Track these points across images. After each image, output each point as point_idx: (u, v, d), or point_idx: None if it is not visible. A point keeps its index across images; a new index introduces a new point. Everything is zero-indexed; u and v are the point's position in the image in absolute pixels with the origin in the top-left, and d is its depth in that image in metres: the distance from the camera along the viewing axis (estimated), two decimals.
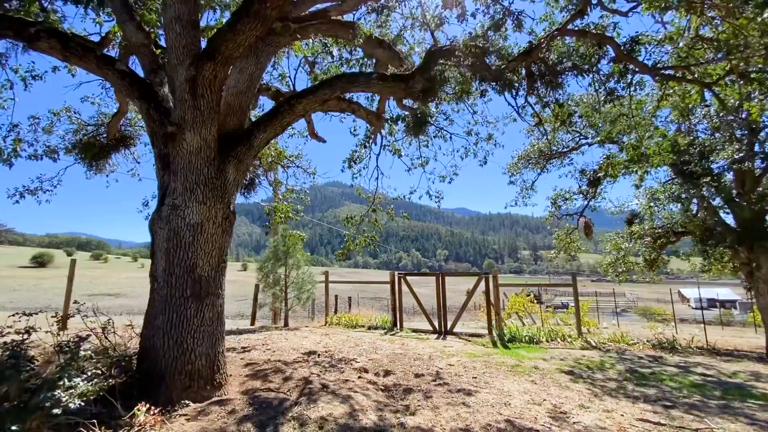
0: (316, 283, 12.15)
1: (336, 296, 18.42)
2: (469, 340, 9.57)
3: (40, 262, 58.07)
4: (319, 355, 6.79)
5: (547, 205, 11.65)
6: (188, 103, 3.95)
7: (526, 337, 9.51)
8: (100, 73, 4.59)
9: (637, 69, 5.11)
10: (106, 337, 4.13)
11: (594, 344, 9.25)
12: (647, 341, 9.56)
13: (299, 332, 9.73)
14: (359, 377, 5.31)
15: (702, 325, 19.31)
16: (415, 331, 11.01)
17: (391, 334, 10.04)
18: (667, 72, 5.30)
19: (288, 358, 6.20)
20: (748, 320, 17.85)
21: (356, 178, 9.63)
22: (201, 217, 4.01)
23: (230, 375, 4.65)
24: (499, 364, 6.68)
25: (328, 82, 4.56)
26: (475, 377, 5.74)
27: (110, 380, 3.35)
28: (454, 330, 10.74)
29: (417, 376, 5.74)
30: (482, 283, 10.82)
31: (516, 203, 11.86)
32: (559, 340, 9.54)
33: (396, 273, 11.85)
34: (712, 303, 68.88)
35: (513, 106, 5.96)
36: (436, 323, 10.93)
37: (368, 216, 9.45)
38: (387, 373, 5.85)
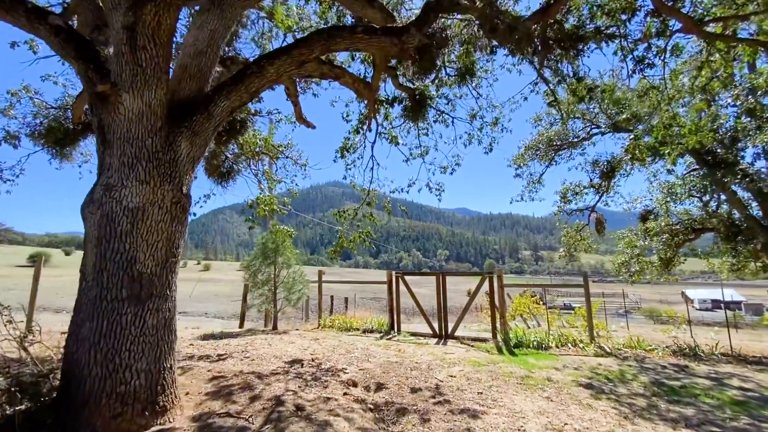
0: (308, 283, 11.34)
1: (332, 297, 17.66)
2: (472, 346, 8.77)
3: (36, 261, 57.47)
4: (303, 364, 6.00)
5: (556, 200, 10.85)
6: (126, 57, 3.17)
7: (534, 342, 8.70)
8: (30, 28, 3.79)
9: (678, 22, 4.28)
10: (23, 348, 3.33)
11: (609, 350, 8.43)
12: (666, 347, 8.74)
13: (287, 336, 8.94)
14: (345, 393, 4.51)
15: (716, 327, 18.53)
16: (413, 334, 10.22)
17: (387, 339, 9.24)
18: (713, 27, 4.47)
19: (265, 369, 5.41)
20: (764, 321, 17.00)
21: (350, 169, 8.85)
22: (142, 199, 3.21)
23: (187, 393, 3.86)
24: (507, 376, 5.88)
25: (304, 40, 3.77)
26: (481, 392, 4.93)
27: (8, 407, 2.56)
28: (456, 334, 9.94)
29: (413, 390, 4.94)
30: (486, 284, 10.02)
31: (522, 198, 11.05)
32: (569, 345, 8.72)
33: (393, 273, 11.05)
34: (716, 304, 68.10)
35: (533, 66, 5.11)
36: (436, 326, 10.14)
37: (363, 210, 8.66)
38: (379, 387, 5.05)
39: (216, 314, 33.07)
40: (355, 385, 5.06)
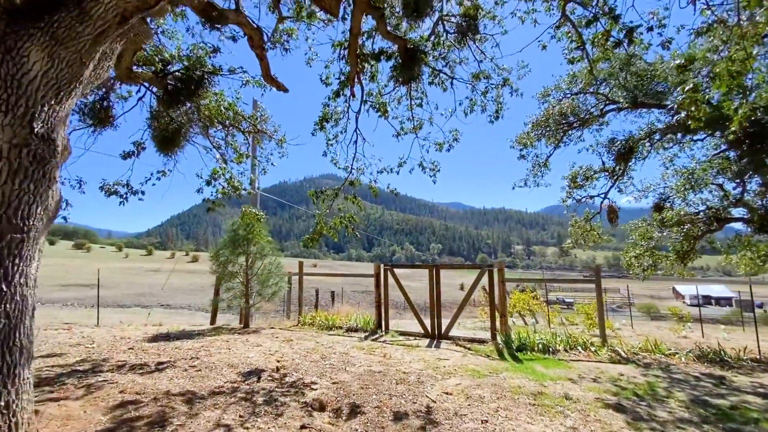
0: (286, 276, 10.12)
1: (317, 290, 16.47)
2: (469, 348, 7.65)
3: None
4: (261, 377, 4.80)
5: (564, 186, 9.69)
6: None
7: (540, 345, 7.60)
8: None
9: None
10: None
11: (625, 355, 7.37)
12: (689, 352, 7.70)
13: (255, 337, 7.73)
14: (303, 427, 3.32)
15: (722, 326, 17.62)
16: (403, 334, 9.08)
17: (372, 340, 8.08)
18: None
19: (207, 386, 4.19)
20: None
21: (331, 144, 7.59)
22: None
23: None
24: (515, 391, 4.74)
25: None
26: (486, 420, 3.78)
27: None
28: (450, 334, 8.82)
29: (398, 417, 3.77)
30: (485, 278, 8.88)
31: (526, 183, 9.88)
32: (579, 349, 7.64)
33: (382, 265, 9.87)
34: (707, 300, 68.40)
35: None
36: (428, 324, 9.01)
37: (345, 190, 7.43)
38: (353, 411, 3.87)
39: (201, 306, 31.84)
40: (322, 408, 3.87)
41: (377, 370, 5.52)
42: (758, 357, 7.61)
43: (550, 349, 7.45)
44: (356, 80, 6.54)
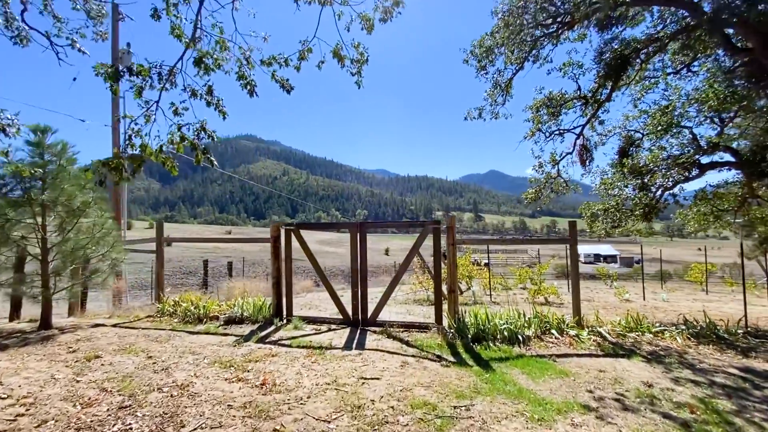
0: (119, 245, 6.49)
1: (205, 262, 12.71)
2: (407, 342, 5.14)
3: None
4: None
5: (528, 119, 7.38)
6: None
7: (503, 331, 5.36)
8: None
9: None
10: None
11: (612, 338, 5.49)
12: (674, 327, 6.13)
13: (34, 350, 4.24)
14: None
15: (648, 283, 17.84)
16: (312, 322, 6.26)
17: (257, 340, 5.11)
18: None
19: None
20: (689, 275, 16.75)
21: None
22: None
23: None
24: None
25: None
26: None
27: None
28: (379, 318, 6.23)
29: None
30: (428, 240, 6.33)
31: (481, 114, 7.37)
32: (554, 333, 5.57)
33: (282, 226, 6.77)
34: (597, 258, 77.86)
35: None
36: (349, 307, 6.30)
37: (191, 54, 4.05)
38: None
39: None
40: None
41: (239, 418, 2.60)
42: (746, 324, 6.29)
43: (519, 338, 5.24)
44: None
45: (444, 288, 6.28)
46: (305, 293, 11.76)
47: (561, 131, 7.38)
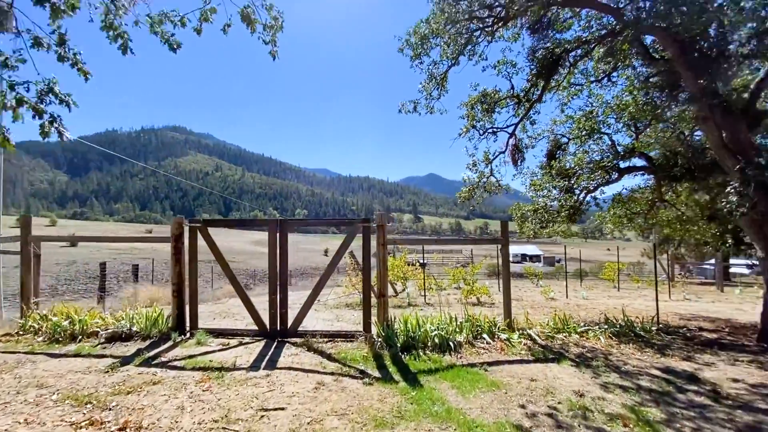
0: None
1: (103, 264, 10.90)
2: (330, 355, 4.54)
3: None
4: None
5: (463, 116, 7.18)
6: None
7: (434, 337, 4.99)
8: None
9: None
10: None
11: (541, 341, 5.38)
12: (596, 325, 6.24)
13: None
14: None
15: (557, 283, 19.02)
16: (220, 334, 5.37)
17: (140, 362, 4.14)
18: None
19: None
20: (603, 274, 18.20)
21: None
22: None
23: None
24: None
25: None
26: None
27: None
28: (301, 328, 5.54)
29: None
30: (357, 240, 5.79)
31: (416, 108, 7.02)
32: (486, 337, 5.33)
33: (185, 222, 5.77)
34: (523, 258, 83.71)
35: None
36: (266, 316, 5.50)
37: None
38: None
39: None
40: None
41: None
42: (657, 321, 6.59)
43: (451, 345, 4.89)
44: None
45: (375, 291, 5.76)
46: (228, 299, 10.57)
47: (494, 130, 7.32)
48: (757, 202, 4.63)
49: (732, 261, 19.32)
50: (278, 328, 5.50)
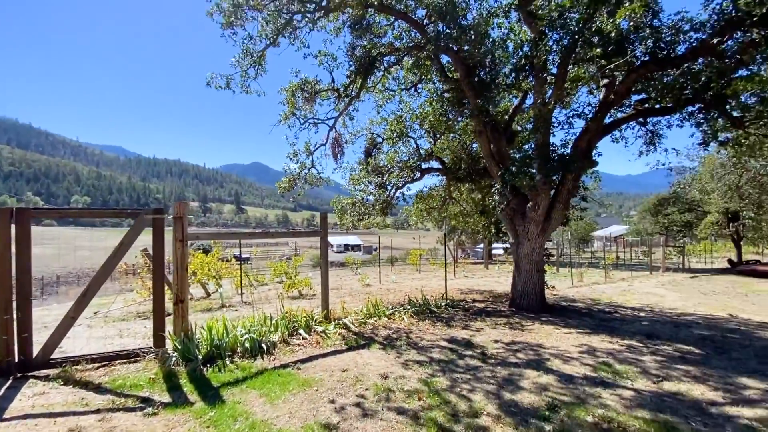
0: None
1: None
2: (99, 386, 3.55)
3: None
4: None
5: (283, 102, 6.78)
6: None
7: (245, 343, 4.54)
8: None
9: None
10: None
11: (355, 328, 5.64)
12: (401, 306, 7.02)
13: None
14: None
15: (365, 268, 21.05)
16: None
17: None
18: None
19: None
20: (409, 260, 20.94)
21: None
22: None
23: None
24: None
25: None
26: None
27: None
28: (56, 355, 4.11)
29: None
30: (145, 235, 4.68)
31: (228, 84, 6.18)
32: (302, 333, 5.21)
33: None
34: (346, 248, 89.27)
35: None
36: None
37: None
38: None
39: None
40: None
41: None
42: (445, 297, 7.89)
43: (264, 347, 4.54)
44: None
45: (170, 295, 4.80)
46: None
47: (316, 121, 7.27)
48: (510, 200, 6.04)
49: (494, 245, 25.57)
50: (16, 360, 3.93)
